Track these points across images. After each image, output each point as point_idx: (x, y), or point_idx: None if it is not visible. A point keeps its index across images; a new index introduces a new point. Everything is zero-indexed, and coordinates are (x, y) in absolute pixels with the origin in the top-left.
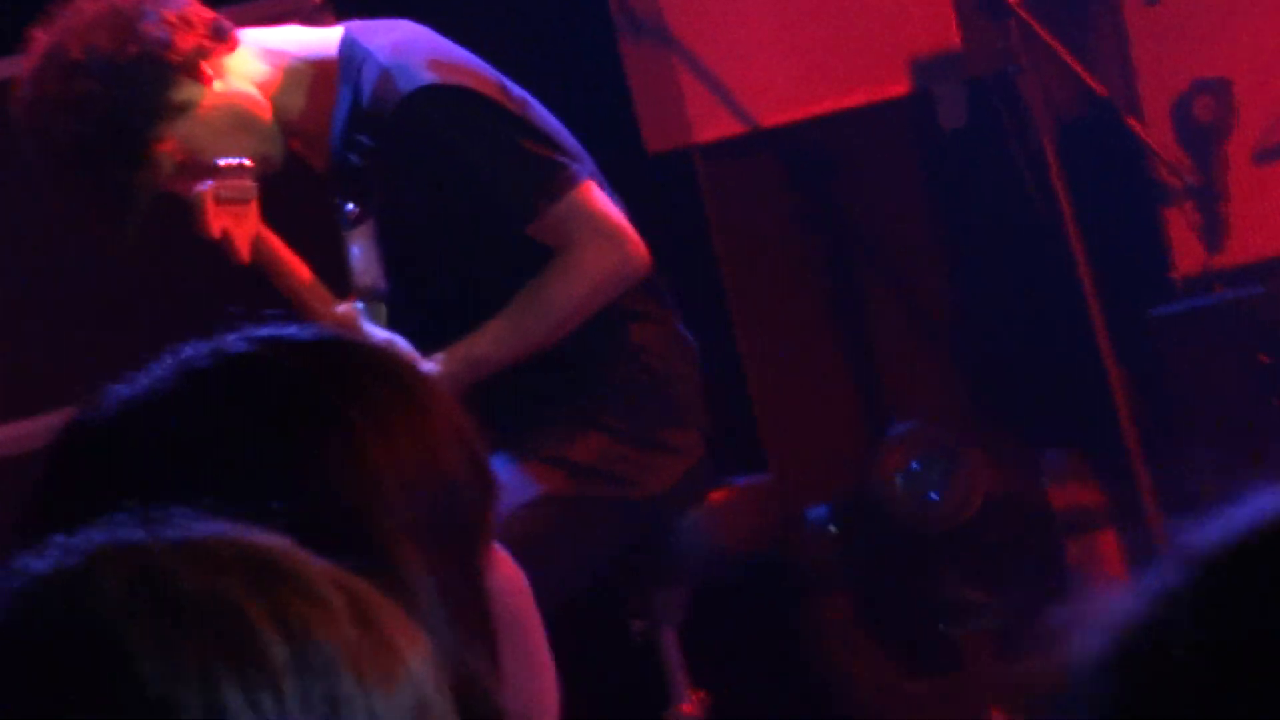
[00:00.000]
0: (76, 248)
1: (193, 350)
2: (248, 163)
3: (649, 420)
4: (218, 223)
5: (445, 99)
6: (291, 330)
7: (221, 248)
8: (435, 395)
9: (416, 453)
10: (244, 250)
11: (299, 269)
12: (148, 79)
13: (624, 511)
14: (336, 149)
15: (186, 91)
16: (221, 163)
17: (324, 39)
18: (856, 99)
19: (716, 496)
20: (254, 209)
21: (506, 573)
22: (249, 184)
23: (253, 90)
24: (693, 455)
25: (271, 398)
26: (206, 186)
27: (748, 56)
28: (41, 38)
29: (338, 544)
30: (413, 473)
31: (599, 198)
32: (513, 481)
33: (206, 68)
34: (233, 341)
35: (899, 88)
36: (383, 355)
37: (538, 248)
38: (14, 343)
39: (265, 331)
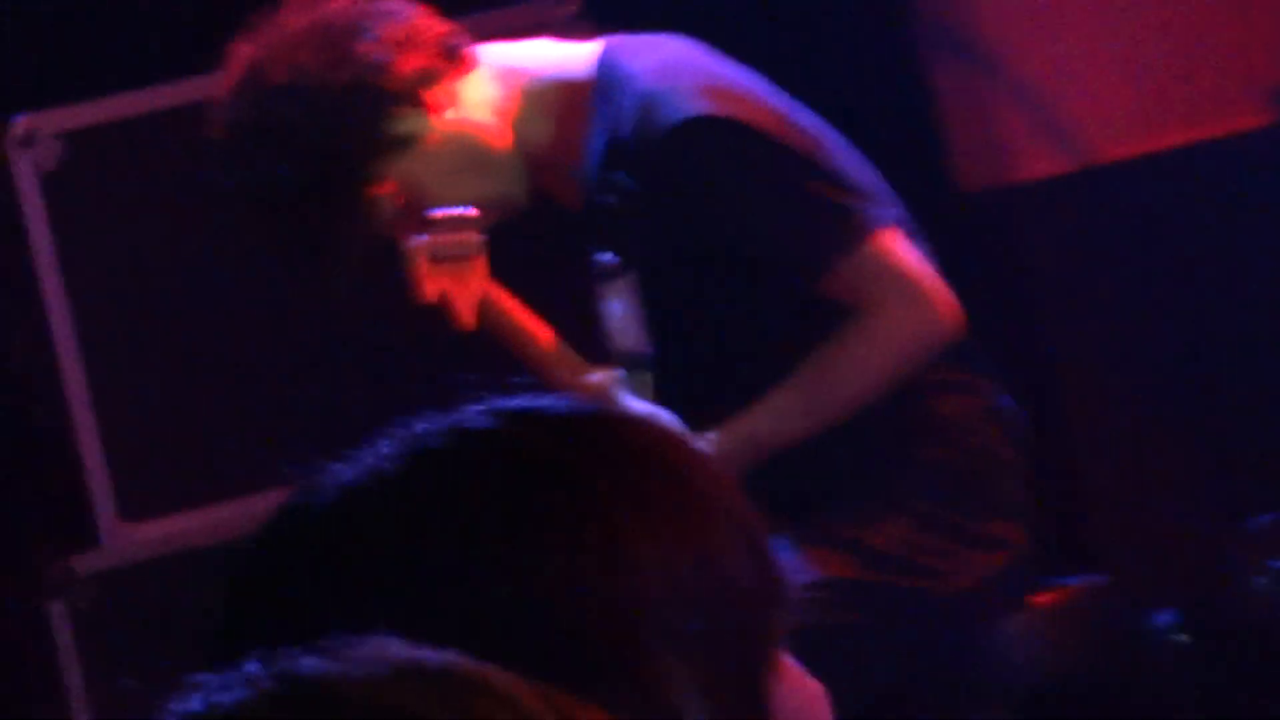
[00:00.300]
0: (280, 305)
1: (426, 425)
2: (470, 212)
3: (965, 507)
4: (434, 284)
5: (719, 132)
6: (544, 403)
7: (441, 312)
8: (712, 481)
9: (689, 551)
10: (468, 314)
11: (540, 332)
12: (362, 109)
13: (925, 607)
14: (590, 188)
15: (409, 123)
16: (438, 214)
17: (577, 56)
18: (1208, 130)
19: (1041, 600)
20: (479, 265)
21: (799, 690)
22: (472, 237)
23: (490, 119)
24: (1014, 550)
25: (518, 486)
26: (420, 242)
27: (1079, 81)
28: (242, 54)
29: (593, 664)
30: (685, 575)
31: (902, 248)
32: (790, 566)
33: (434, 94)
34: (473, 416)
35: (1258, 118)
36: (650, 433)
37: (830, 307)
38: (210, 413)
39: (512, 404)
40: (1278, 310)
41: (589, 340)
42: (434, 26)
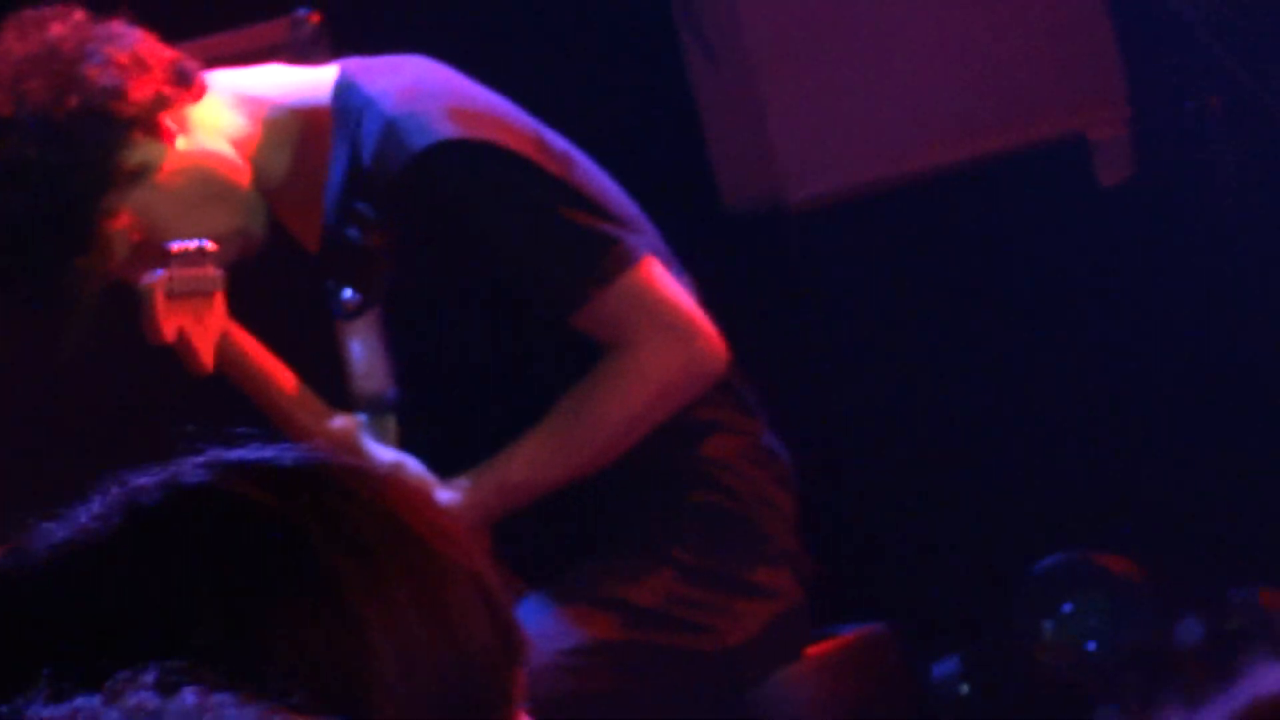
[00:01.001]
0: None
1: (140, 479)
2: (209, 245)
3: (728, 555)
4: (171, 322)
5: (467, 158)
6: (267, 455)
7: (178, 353)
8: (450, 539)
9: (421, 615)
10: (206, 355)
11: (280, 375)
12: (93, 138)
13: (694, 666)
14: (331, 221)
15: (143, 152)
16: (174, 247)
17: (314, 82)
18: (990, 145)
19: (816, 651)
20: (218, 303)
21: None
22: (210, 273)
23: (226, 148)
24: (784, 599)
25: (232, 545)
26: (155, 278)
27: (851, 93)
28: None
29: None
30: (416, 641)
31: (662, 279)
32: (549, 629)
33: (168, 121)
34: (190, 470)
35: (1046, 130)
36: (381, 486)
37: (586, 343)
38: None
39: (231, 456)
40: (1074, 338)
41: (334, 382)
42: (161, 50)
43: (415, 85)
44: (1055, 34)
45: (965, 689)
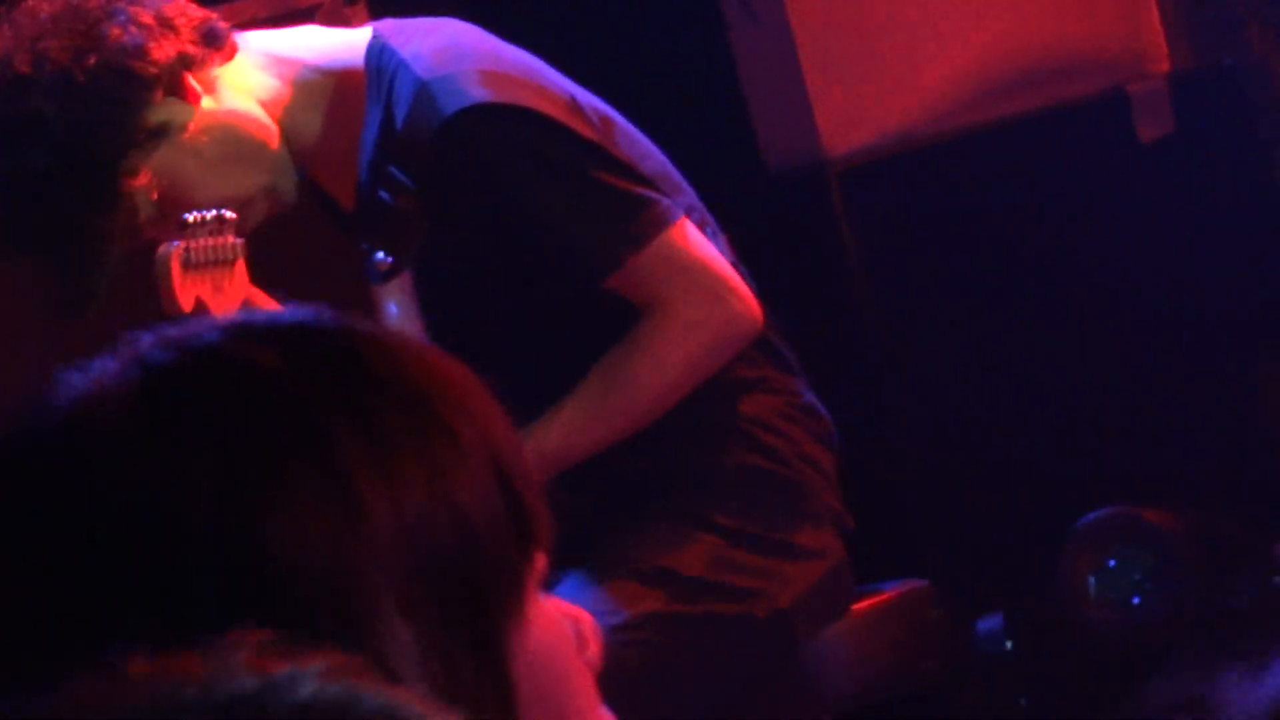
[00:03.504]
0: (26, 316)
1: (156, 338)
2: (227, 214)
3: (771, 516)
4: (188, 293)
5: (499, 121)
6: (281, 317)
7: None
8: (465, 410)
9: (422, 482)
10: None
11: None
12: (113, 96)
13: (745, 632)
14: (364, 184)
15: (165, 111)
16: (191, 216)
17: (348, 43)
18: (1029, 103)
19: (860, 608)
20: (239, 271)
21: (548, 638)
22: (229, 241)
23: (254, 109)
24: (829, 558)
25: (233, 410)
26: (171, 248)
27: (891, 52)
28: None
29: (302, 607)
30: (413, 506)
31: (697, 241)
32: (594, 607)
33: (192, 81)
34: (205, 330)
35: (1084, 88)
36: (397, 352)
37: (622, 306)
38: None
39: (244, 320)
40: (1111, 297)
41: None
42: (191, 10)
43: (448, 47)
44: None
45: (1009, 645)
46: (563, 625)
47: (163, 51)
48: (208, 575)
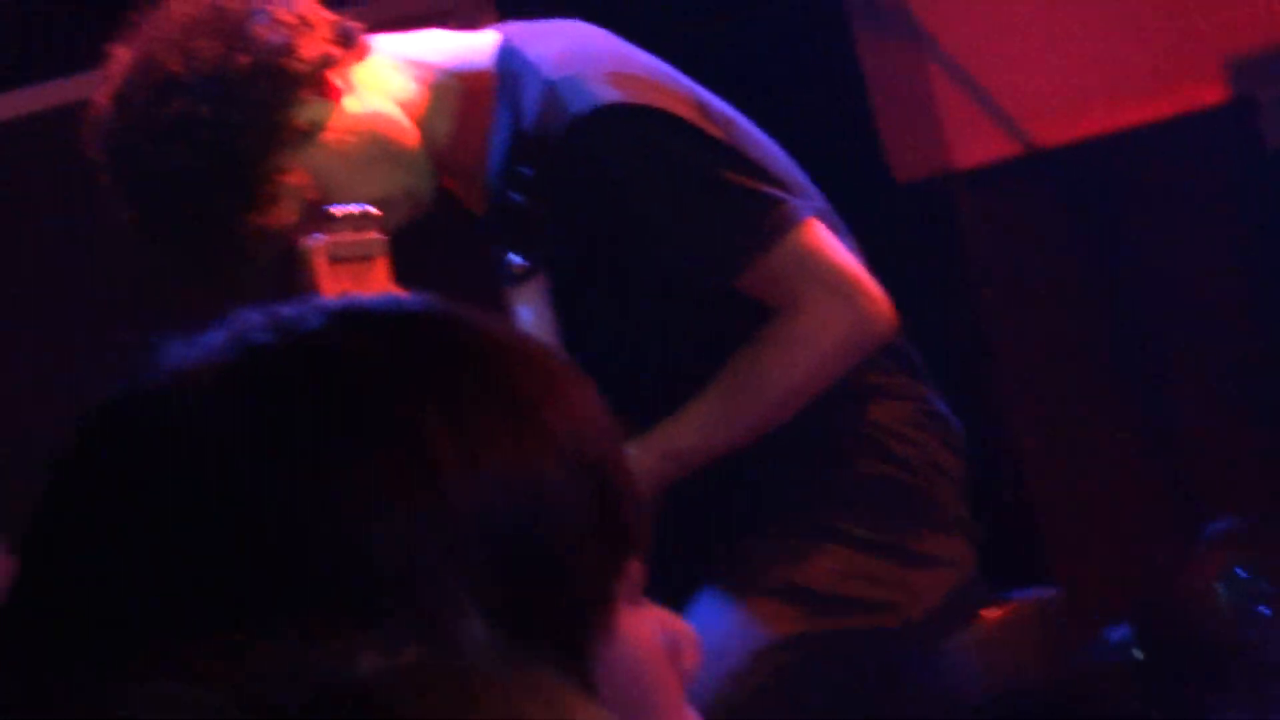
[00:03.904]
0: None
1: (261, 317)
2: (371, 210)
3: (901, 525)
4: (333, 286)
5: (627, 121)
6: (389, 304)
7: None
8: (565, 404)
9: (513, 484)
10: None
11: None
12: (264, 95)
13: (879, 645)
14: (495, 185)
15: (312, 110)
16: (336, 210)
17: (476, 46)
18: (1159, 111)
19: (990, 617)
20: (381, 267)
21: (636, 653)
22: (373, 237)
23: (394, 110)
24: (960, 567)
25: (329, 397)
26: (318, 241)
27: (1020, 60)
28: (125, 52)
29: (381, 597)
30: (501, 512)
31: (827, 241)
32: (731, 627)
33: (335, 80)
34: (310, 314)
35: (1213, 95)
36: (500, 341)
37: (752, 306)
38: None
39: (352, 305)
40: (1232, 304)
41: None
42: (323, 11)
43: (575, 49)
44: None
45: (1138, 654)
46: (655, 636)
47: (309, 50)
48: (287, 559)
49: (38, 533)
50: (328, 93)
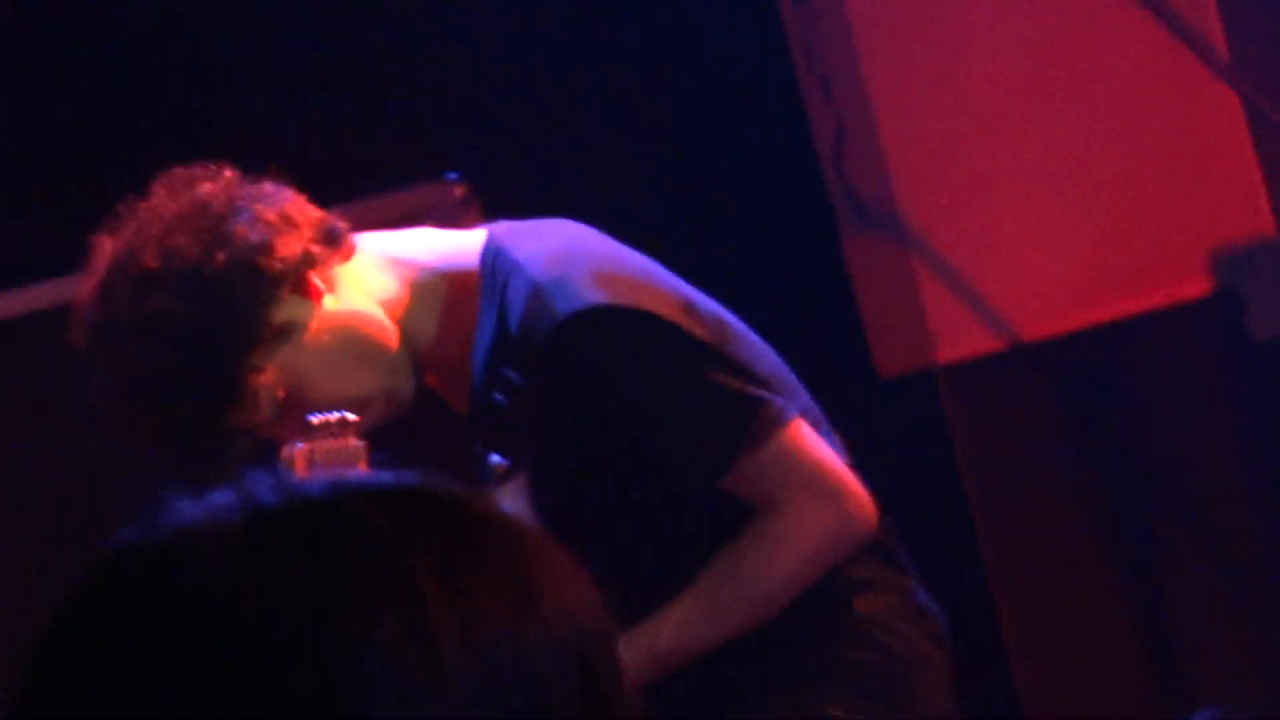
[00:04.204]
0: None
1: (269, 479)
2: (350, 417)
3: (883, 712)
4: None
5: (614, 324)
6: (389, 478)
7: None
8: (560, 587)
9: (508, 660)
10: None
11: None
12: (241, 293)
13: None
14: (478, 386)
15: (290, 310)
16: (315, 419)
17: (462, 245)
18: (1144, 303)
19: None
20: (361, 470)
21: None
22: (352, 444)
23: (375, 309)
24: None
25: (330, 558)
26: (297, 449)
27: (1002, 253)
28: (108, 245)
29: None
30: (496, 685)
31: (811, 441)
32: None
33: (315, 280)
34: (315, 482)
35: (1198, 288)
36: (496, 519)
37: (736, 506)
38: None
39: (354, 477)
40: (1221, 496)
41: None
42: (309, 210)
43: (562, 250)
44: (1204, 188)
45: None
46: None
47: (289, 249)
48: (286, 713)
49: (36, 679)
50: (308, 292)
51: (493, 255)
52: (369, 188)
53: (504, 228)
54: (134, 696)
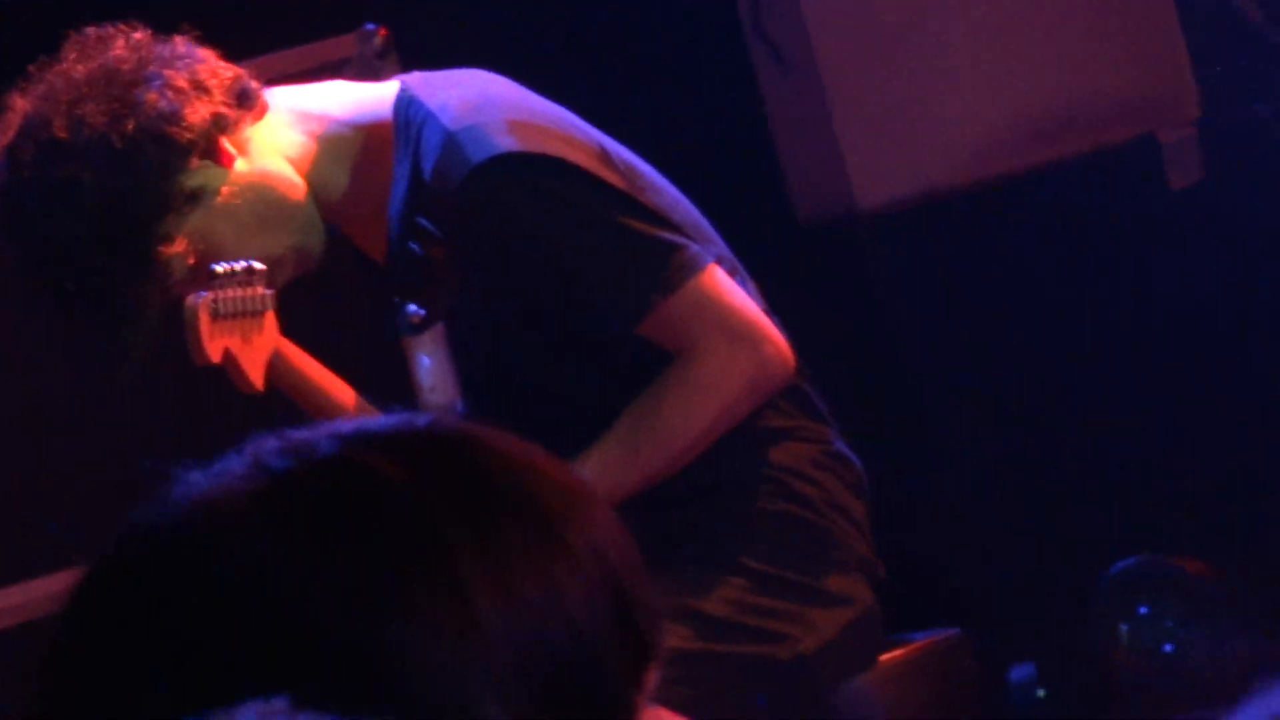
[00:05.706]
0: (73, 371)
1: (276, 442)
2: (256, 265)
3: (800, 562)
4: (217, 343)
5: (526, 170)
6: (399, 424)
7: (227, 374)
8: (579, 522)
9: (540, 603)
10: (255, 375)
11: (338, 392)
12: (150, 163)
13: (768, 674)
14: (394, 236)
15: (200, 176)
16: (219, 268)
17: (376, 97)
18: (1062, 150)
19: (892, 658)
20: (269, 322)
21: None
22: (259, 293)
23: (285, 167)
24: (858, 606)
25: (353, 517)
26: (201, 299)
27: (922, 103)
28: (19, 104)
29: (415, 716)
30: (531, 631)
31: (727, 287)
32: None
33: (226, 144)
34: (322, 438)
35: (1115, 134)
36: (510, 458)
37: (653, 352)
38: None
39: (363, 427)
40: (1141, 345)
41: (398, 398)
42: (223, 71)
43: (475, 98)
44: (1125, 38)
45: (1042, 693)
46: None
47: (198, 116)
48: (324, 681)
49: (56, 660)
50: (218, 157)
51: (405, 105)
52: (286, 39)
53: (417, 77)
54: (167, 679)
